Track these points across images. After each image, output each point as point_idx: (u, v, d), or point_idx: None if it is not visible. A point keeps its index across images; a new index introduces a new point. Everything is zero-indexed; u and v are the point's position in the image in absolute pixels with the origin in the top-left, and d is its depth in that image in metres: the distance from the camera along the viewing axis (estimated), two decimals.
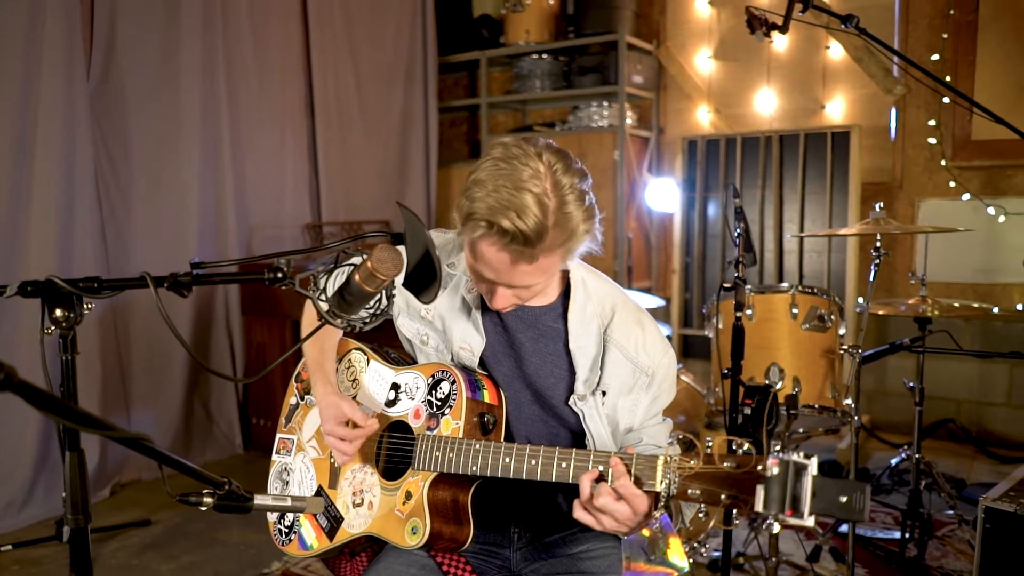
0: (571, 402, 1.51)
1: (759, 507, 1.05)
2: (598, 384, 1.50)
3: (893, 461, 3.08)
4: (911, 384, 2.75)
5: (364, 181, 5.03)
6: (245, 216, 4.33)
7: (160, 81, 3.87)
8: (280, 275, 1.22)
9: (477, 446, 1.41)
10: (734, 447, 1.14)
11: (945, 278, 4.19)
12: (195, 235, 4.03)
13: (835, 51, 4.55)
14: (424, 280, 1.23)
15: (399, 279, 1.22)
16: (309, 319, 1.77)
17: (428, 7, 5.34)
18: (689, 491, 1.16)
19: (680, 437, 1.23)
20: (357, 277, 1.21)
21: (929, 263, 4.14)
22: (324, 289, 1.26)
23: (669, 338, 1.74)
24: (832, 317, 2.51)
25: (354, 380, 1.68)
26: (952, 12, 4.13)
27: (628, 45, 4.84)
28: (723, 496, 1.13)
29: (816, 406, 2.44)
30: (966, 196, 4.18)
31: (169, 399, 3.98)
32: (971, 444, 4.14)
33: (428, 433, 1.49)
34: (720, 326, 2.48)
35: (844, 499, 1.05)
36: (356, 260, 1.27)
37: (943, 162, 4.23)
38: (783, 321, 2.48)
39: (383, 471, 1.57)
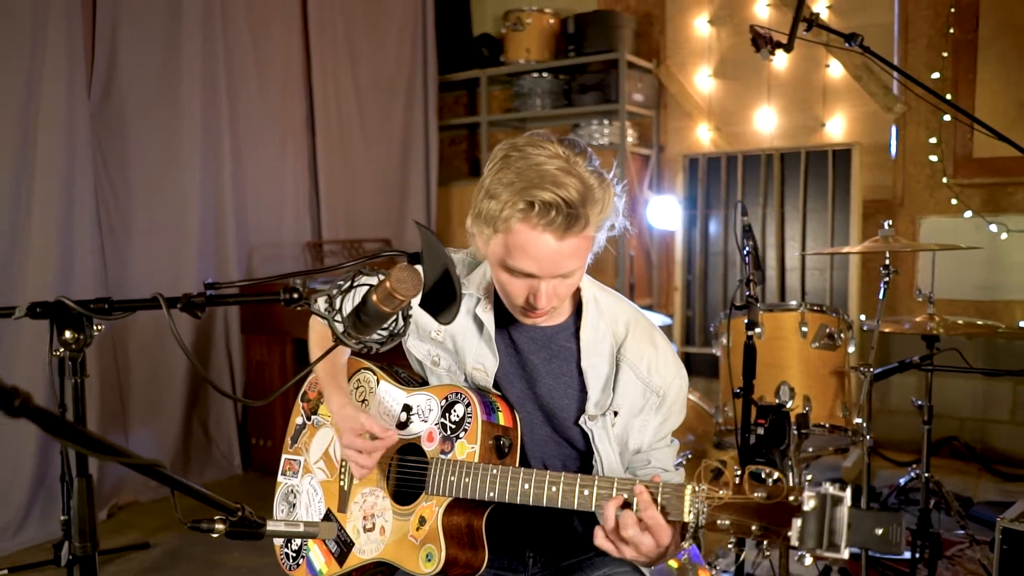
0: (581, 422, 1.48)
1: (795, 542, 1.03)
2: (610, 405, 1.47)
3: (902, 480, 3.05)
4: (919, 402, 2.73)
5: (365, 199, 5.02)
6: (245, 234, 4.31)
7: (160, 98, 3.86)
8: (296, 296, 1.20)
9: (494, 471, 1.38)
10: (763, 476, 1.11)
11: (948, 295, 4.18)
12: (195, 253, 4.00)
13: (835, 69, 4.57)
14: (443, 300, 1.21)
15: (416, 300, 1.20)
16: (317, 337, 1.74)
17: (428, 25, 5.36)
18: (718, 522, 1.13)
19: (707, 465, 1.20)
20: (375, 297, 1.18)
21: (929, 280, 4.13)
22: (339, 310, 1.24)
23: None
24: (841, 335, 2.49)
25: (364, 401, 1.65)
26: (952, 31, 4.15)
27: (628, 64, 4.85)
28: (754, 527, 1.10)
29: (827, 425, 2.41)
30: (968, 213, 4.18)
31: (168, 419, 3.94)
32: (976, 462, 4.12)
33: (442, 457, 1.46)
34: (728, 344, 2.46)
35: (880, 531, 1.02)
36: (372, 280, 1.25)
37: (944, 179, 4.23)
38: (792, 339, 2.46)
39: (394, 495, 1.54)
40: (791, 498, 1.09)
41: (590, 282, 1.53)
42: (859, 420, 2.44)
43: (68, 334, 1.20)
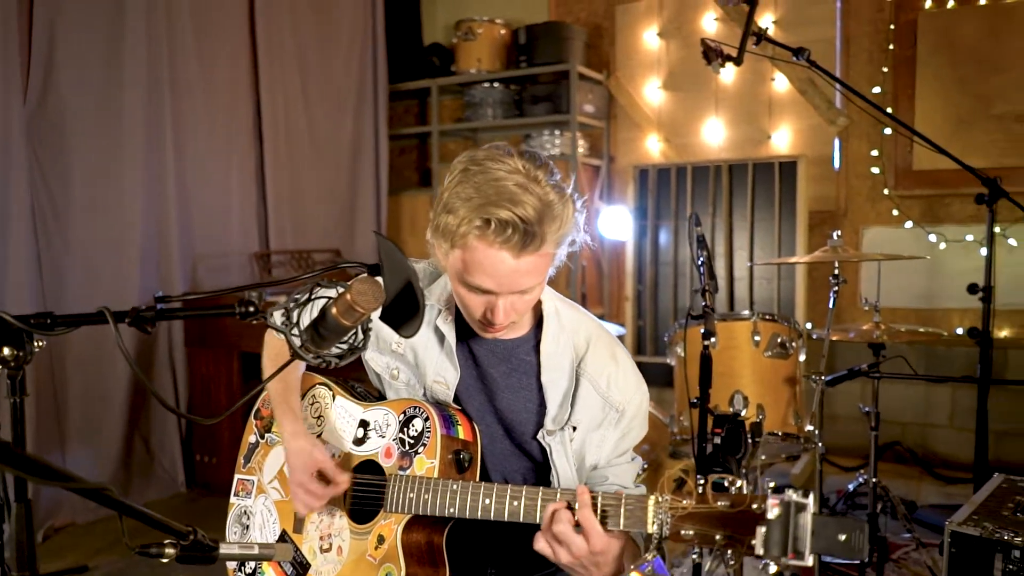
0: (539, 436, 1.46)
1: (760, 550, 1.02)
2: (568, 419, 1.46)
3: (851, 486, 3.11)
4: (867, 409, 2.79)
5: (313, 209, 4.94)
6: (190, 245, 4.19)
7: (102, 105, 3.74)
8: (252, 309, 1.16)
9: (455, 487, 1.36)
10: (726, 484, 1.11)
11: (889, 304, 4.28)
12: (137, 265, 3.88)
13: (780, 83, 4.67)
14: (405, 313, 1.18)
15: (376, 312, 1.17)
16: (272, 352, 1.69)
17: (379, 34, 5.31)
18: (682, 532, 1.12)
19: (667, 475, 1.20)
20: (334, 310, 1.15)
21: (873, 289, 4.23)
22: (297, 323, 1.20)
23: None
24: (793, 344, 2.53)
25: (319, 417, 1.61)
26: (892, 47, 4.28)
27: (579, 75, 4.88)
28: (718, 536, 1.10)
29: (780, 433, 2.44)
30: (909, 224, 4.30)
31: (108, 436, 3.80)
32: (917, 466, 4.23)
33: (400, 473, 1.42)
34: (683, 354, 2.48)
35: (843, 537, 1.03)
36: (330, 292, 1.22)
37: (886, 191, 4.35)
38: (745, 349, 2.48)
39: (351, 513, 1.50)
40: (754, 506, 1.09)
41: (552, 295, 1.52)
42: (811, 427, 2.47)
43: (6, 351, 1.13)
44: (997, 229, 3.02)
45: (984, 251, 3.66)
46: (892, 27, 4.27)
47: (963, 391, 4.19)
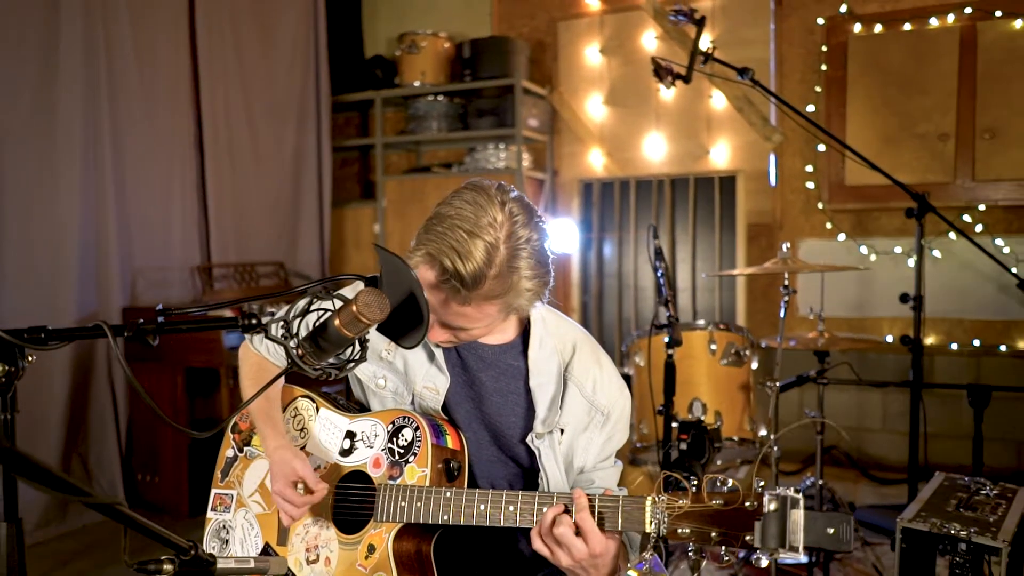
0: (528, 440, 1.50)
1: (757, 543, 1.08)
2: (557, 423, 1.50)
3: (800, 488, 3.23)
4: (812, 414, 2.91)
5: (255, 221, 4.86)
6: (129, 257, 4.07)
7: (37, 115, 3.61)
8: (254, 322, 1.16)
9: (448, 494, 1.37)
10: (719, 483, 1.16)
11: (824, 313, 4.47)
12: (74, 278, 3.75)
13: (717, 100, 4.82)
14: (408, 323, 1.20)
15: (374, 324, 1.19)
16: (251, 368, 1.67)
17: (321, 45, 5.28)
18: (679, 530, 1.17)
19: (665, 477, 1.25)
20: (337, 322, 1.16)
21: (810, 299, 4.41)
22: (296, 335, 1.21)
23: None
24: (746, 352, 2.62)
25: (302, 429, 1.60)
26: (824, 68, 4.48)
27: (524, 89, 4.95)
28: (713, 534, 1.15)
29: (736, 438, 2.53)
30: (841, 236, 4.50)
31: (43, 456, 3.62)
32: (854, 468, 4.41)
33: (391, 483, 1.43)
34: (643, 363, 2.54)
35: (831, 531, 1.09)
36: (326, 305, 1.23)
37: (820, 205, 4.55)
38: (702, 357, 2.57)
39: (338, 524, 1.50)
40: (747, 504, 1.15)
41: (538, 304, 1.55)
42: (763, 432, 2.57)
43: None
44: (923, 242, 3.20)
45: (912, 262, 3.87)
46: (824, 49, 4.48)
47: (894, 396, 4.40)
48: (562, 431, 1.49)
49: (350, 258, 5.51)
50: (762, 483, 1.16)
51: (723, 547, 1.15)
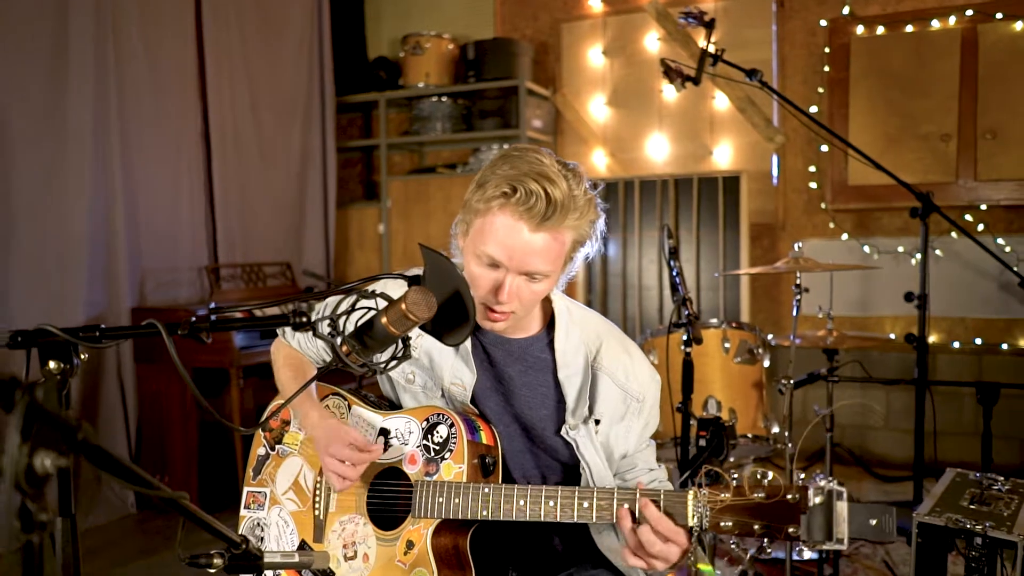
0: (563, 432, 1.51)
1: (803, 535, 1.10)
2: (590, 413, 1.52)
3: None
4: (822, 411, 2.94)
5: (262, 221, 4.88)
6: (138, 259, 4.08)
7: (46, 117, 3.62)
8: (304, 320, 1.18)
9: (486, 490, 1.40)
10: (759, 477, 1.19)
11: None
12: (83, 278, 3.76)
13: (720, 101, 4.86)
14: (453, 321, 1.22)
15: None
16: (285, 356, 1.70)
17: (325, 46, 5.30)
18: (721, 523, 1.20)
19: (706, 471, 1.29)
20: (384, 319, 1.19)
21: (815, 298, 4.44)
22: (342, 332, 1.23)
23: None
24: (759, 350, 2.65)
25: None
26: (827, 69, 4.53)
27: (527, 90, 4.97)
28: (756, 527, 1.17)
29: (750, 436, 2.56)
30: (845, 236, 4.54)
31: None
32: (857, 466, 4.45)
33: (427, 479, 1.46)
34: (656, 361, 2.57)
35: (874, 522, 1.12)
36: (368, 303, 1.25)
37: (823, 205, 4.59)
38: (716, 355, 2.60)
39: (377, 520, 1.52)
40: (788, 496, 1.17)
41: (561, 296, 1.58)
42: (776, 429, 2.60)
43: (52, 364, 1.13)
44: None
45: (915, 261, 3.91)
46: (827, 50, 4.52)
47: (897, 393, 4.44)
48: (597, 422, 1.51)
49: (354, 258, 5.53)
50: (803, 476, 1.19)
51: (765, 539, 1.17)
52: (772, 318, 4.72)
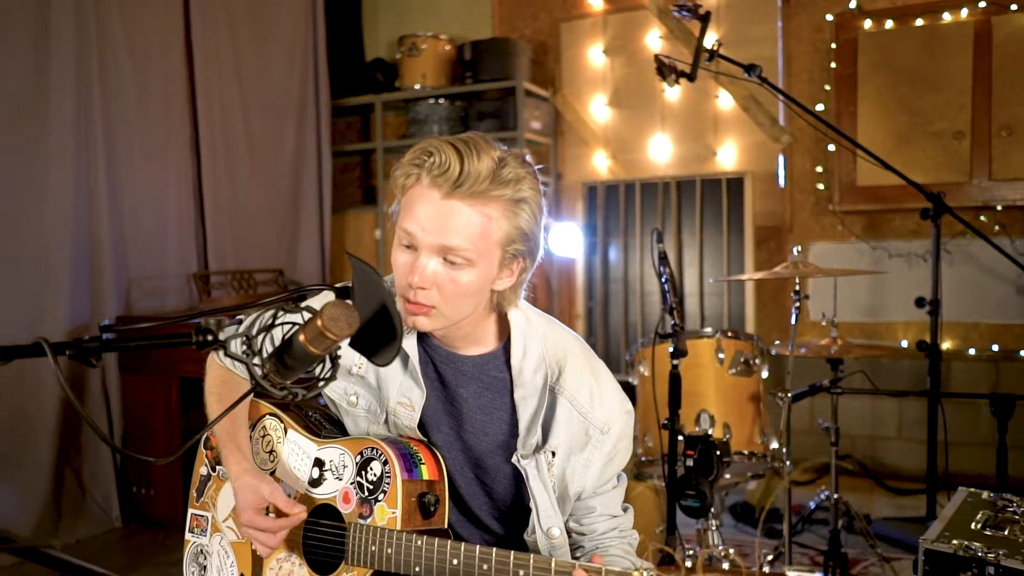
0: (515, 459, 1.36)
1: None
2: (545, 442, 1.36)
3: (812, 504, 3.11)
4: (826, 424, 2.79)
5: (254, 226, 4.77)
6: (124, 266, 3.98)
7: (26, 119, 3.53)
8: (210, 338, 1.05)
9: (419, 542, 1.25)
10: (717, 557, 1.04)
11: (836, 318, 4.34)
12: (66, 290, 3.65)
13: (724, 100, 4.71)
14: (380, 339, 1.09)
15: (347, 340, 1.08)
16: (215, 382, 1.54)
17: (320, 48, 5.19)
18: None
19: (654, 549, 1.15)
20: (302, 337, 1.05)
21: (821, 304, 4.27)
22: (259, 352, 1.10)
23: None
24: (756, 361, 2.50)
25: (271, 452, 1.49)
26: (834, 65, 4.36)
27: (525, 91, 4.85)
28: None
29: (746, 452, 2.41)
30: (853, 239, 4.37)
31: (35, 471, 3.56)
32: (868, 478, 4.27)
33: (360, 522, 1.32)
34: (648, 373, 2.43)
35: None
36: (295, 318, 1.12)
37: (831, 207, 4.42)
38: (709, 367, 2.45)
39: (312, 562, 1.38)
40: None
41: (525, 307, 1.43)
42: (775, 445, 2.45)
43: None
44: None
45: (929, 264, 3.74)
46: (833, 46, 4.36)
47: (909, 402, 4.26)
48: (553, 453, 1.35)
49: (350, 264, 5.42)
50: (770, 558, 1.04)
51: None
52: (779, 325, 4.55)
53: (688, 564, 1.04)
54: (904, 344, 4.28)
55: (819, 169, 4.47)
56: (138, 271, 4.07)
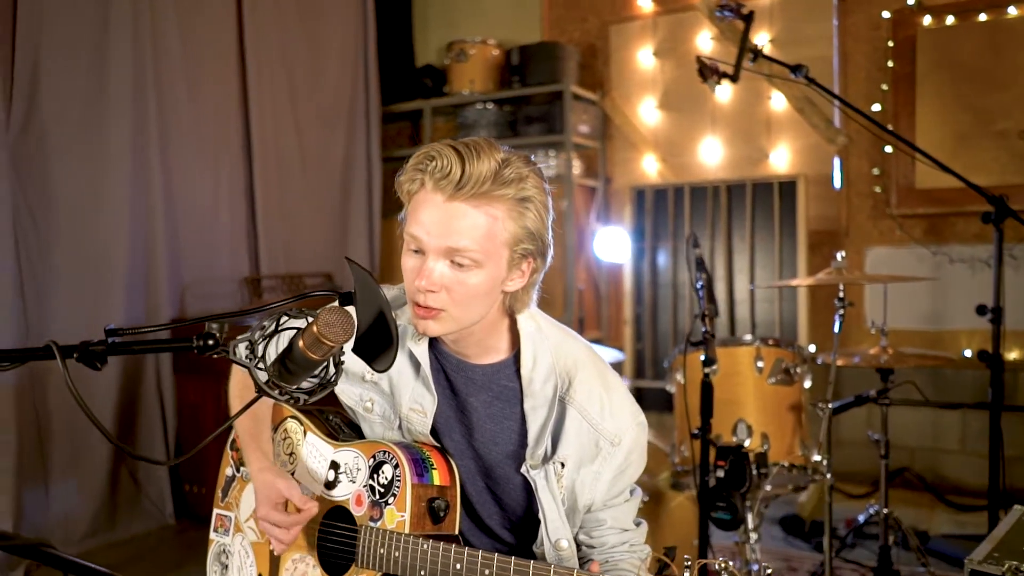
0: (524, 470, 1.34)
1: None
2: (554, 453, 1.33)
3: (861, 518, 2.99)
4: (876, 436, 2.68)
5: (305, 232, 4.85)
6: (178, 271, 4.09)
7: (86, 129, 3.65)
8: (212, 343, 1.07)
9: (425, 546, 1.25)
10: (718, 567, 1.00)
11: (894, 326, 4.15)
12: (123, 294, 3.77)
13: (777, 102, 4.60)
14: (378, 345, 1.08)
15: (348, 344, 1.08)
16: (239, 384, 1.58)
17: (370, 54, 5.26)
18: None
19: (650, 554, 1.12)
20: (301, 343, 1.06)
21: (878, 311, 4.13)
22: (263, 357, 1.11)
23: None
24: (798, 370, 2.43)
25: (291, 454, 1.50)
26: (891, 64, 4.22)
27: (573, 95, 4.82)
28: None
29: (786, 463, 2.34)
30: (913, 243, 4.21)
31: (93, 468, 3.68)
32: (928, 492, 4.10)
33: (371, 524, 1.32)
34: (683, 381, 2.38)
35: None
36: (299, 323, 1.13)
37: (889, 210, 4.27)
38: (748, 375, 2.39)
39: (324, 563, 1.39)
40: None
41: (535, 314, 1.40)
42: (818, 457, 2.37)
43: None
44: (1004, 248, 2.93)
45: (992, 270, 3.57)
46: (891, 44, 4.21)
47: (973, 414, 4.08)
48: (562, 464, 1.33)
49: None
50: (768, 571, 1.00)
51: None
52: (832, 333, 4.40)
53: (686, 575, 1.00)
54: (967, 353, 4.10)
55: (876, 171, 4.32)
56: (192, 275, 4.18)
